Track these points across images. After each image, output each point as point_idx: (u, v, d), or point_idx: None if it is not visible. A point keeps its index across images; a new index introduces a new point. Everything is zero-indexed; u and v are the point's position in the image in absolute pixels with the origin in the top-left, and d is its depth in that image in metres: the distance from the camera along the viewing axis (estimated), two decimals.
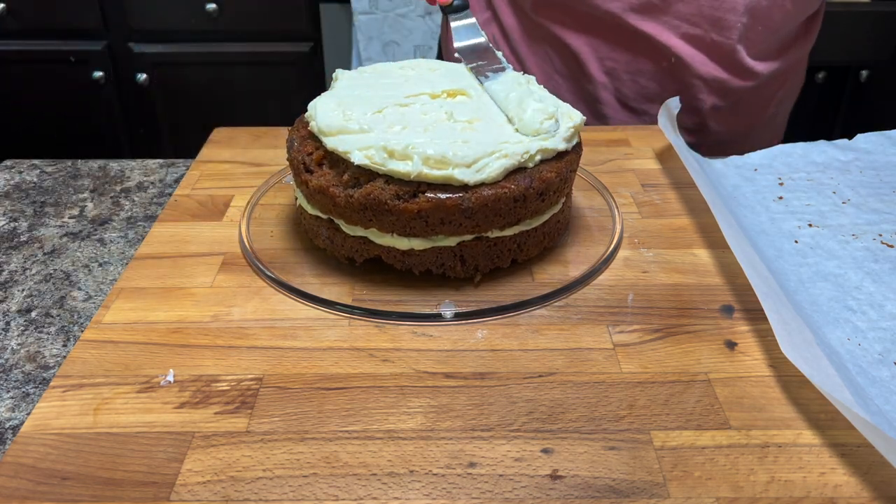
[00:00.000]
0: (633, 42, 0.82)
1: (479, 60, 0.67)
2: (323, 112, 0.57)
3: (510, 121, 0.58)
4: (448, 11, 0.72)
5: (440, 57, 1.05)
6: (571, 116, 0.59)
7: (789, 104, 0.95)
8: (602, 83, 0.86)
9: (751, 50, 0.82)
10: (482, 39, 0.70)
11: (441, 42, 1.05)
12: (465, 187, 0.52)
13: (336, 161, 0.56)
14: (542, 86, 0.65)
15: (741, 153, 0.75)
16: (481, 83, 0.64)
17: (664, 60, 0.82)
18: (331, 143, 0.55)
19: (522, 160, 0.54)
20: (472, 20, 0.71)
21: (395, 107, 0.58)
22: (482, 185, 0.53)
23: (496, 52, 0.68)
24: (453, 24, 0.71)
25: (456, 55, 0.69)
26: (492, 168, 0.52)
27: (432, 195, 0.52)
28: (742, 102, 0.86)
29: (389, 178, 0.53)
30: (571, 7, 0.82)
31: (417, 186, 0.52)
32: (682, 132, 0.81)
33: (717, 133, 0.89)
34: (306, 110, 0.60)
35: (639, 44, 0.82)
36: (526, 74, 0.65)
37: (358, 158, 0.53)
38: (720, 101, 0.85)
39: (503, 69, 0.65)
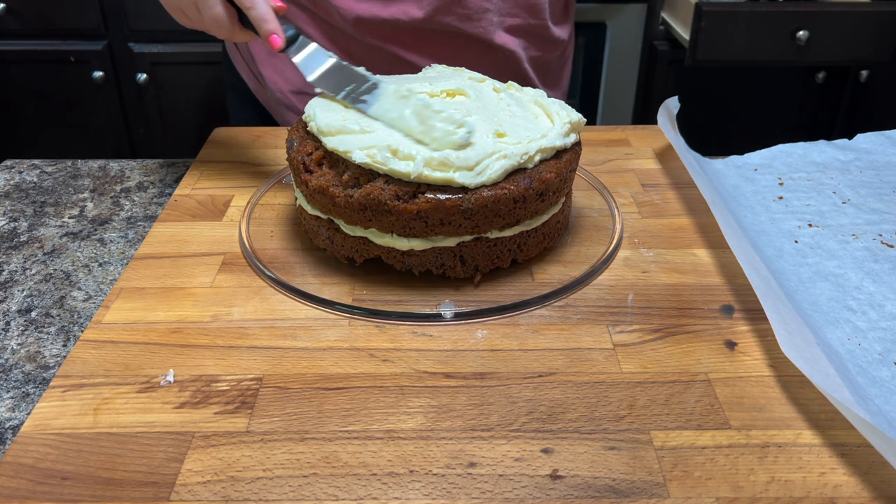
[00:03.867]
0: (469, 45, 0.84)
1: (345, 85, 0.61)
2: (322, 112, 0.57)
3: (419, 142, 0.54)
4: (285, 49, 0.63)
5: None
6: (569, 114, 0.59)
7: (570, 65, 1.04)
8: None
9: (553, 21, 0.89)
10: (333, 60, 0.63)
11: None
12: (464, 188, 0.52)
13: (336, 161, 0.56)
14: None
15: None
16: (361, 111, 0.58)
17: (498, 55, 0.86)
18: (331, 143, 0.55)
19: (522, 161, 0.54)
20: (313, 45, 0.64)
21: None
22: (482, 185, 0.53)
23: (355, 68, 0.62)
24: (295, 60, 0.63)
25: (317, 90, 0.62)
26: (492, 170, 0.52)
27: (432, 196, 0.52)
28: (554, 68, 0.95)
29: (389, 179, 0.53)
30: (400, 24, 0.81)
31: (417, 187, 0.52)
32: None
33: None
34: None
35: (474, 46, 0.84)
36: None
37: (359, 157, 0.53)
38: (543, 74, 0.93)
39: (375, 85, 0.60)
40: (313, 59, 0.63)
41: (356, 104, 0.59)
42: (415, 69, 0.81)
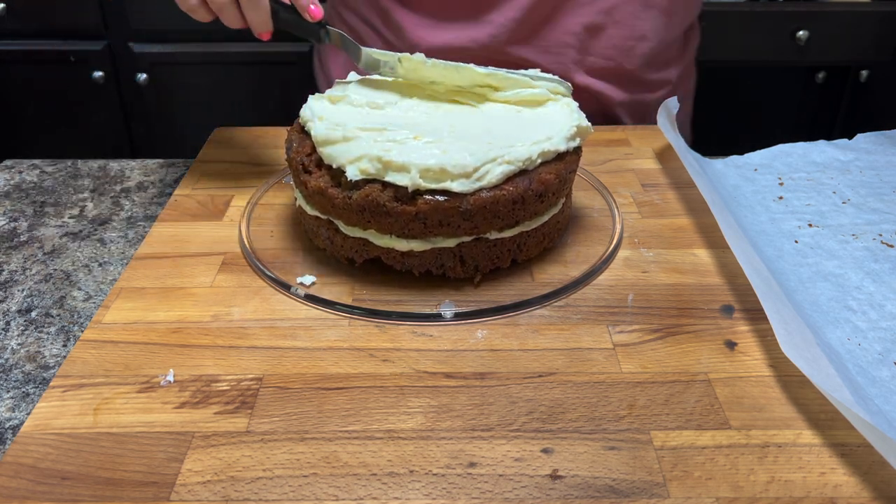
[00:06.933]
0: None
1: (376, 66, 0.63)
2: (316, 122, 0.57)
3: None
4: (326, 37, 0.64)
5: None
6: (577, 119, 0.59)
7: (690, 101, 1.01)
8: None
9: (652, 66, 0.86)
10: (361, 48, 0.64)
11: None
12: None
13: None
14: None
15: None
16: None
17: (581, 95, 0.82)
18: (326, 151, 0.55)
19: (524, 165, 0.54)
20: (341, 33, 0.65)
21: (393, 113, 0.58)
22: (481, 188, 0.53)
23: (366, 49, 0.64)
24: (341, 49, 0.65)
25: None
26: (493, 175, 0.52)
27: (430, 197, 0.52)
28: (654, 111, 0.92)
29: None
30: (471, 52, 0.79)
31: (416, 188, 0.52)
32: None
33: None
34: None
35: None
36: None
37: (352, 173, 0.53)
38: (640, 119, 0.90)
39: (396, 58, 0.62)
40: (353, 48, 0.65)
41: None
42: None
